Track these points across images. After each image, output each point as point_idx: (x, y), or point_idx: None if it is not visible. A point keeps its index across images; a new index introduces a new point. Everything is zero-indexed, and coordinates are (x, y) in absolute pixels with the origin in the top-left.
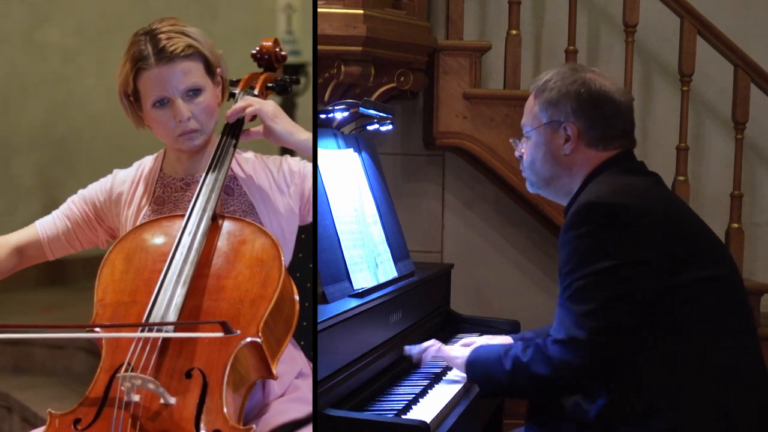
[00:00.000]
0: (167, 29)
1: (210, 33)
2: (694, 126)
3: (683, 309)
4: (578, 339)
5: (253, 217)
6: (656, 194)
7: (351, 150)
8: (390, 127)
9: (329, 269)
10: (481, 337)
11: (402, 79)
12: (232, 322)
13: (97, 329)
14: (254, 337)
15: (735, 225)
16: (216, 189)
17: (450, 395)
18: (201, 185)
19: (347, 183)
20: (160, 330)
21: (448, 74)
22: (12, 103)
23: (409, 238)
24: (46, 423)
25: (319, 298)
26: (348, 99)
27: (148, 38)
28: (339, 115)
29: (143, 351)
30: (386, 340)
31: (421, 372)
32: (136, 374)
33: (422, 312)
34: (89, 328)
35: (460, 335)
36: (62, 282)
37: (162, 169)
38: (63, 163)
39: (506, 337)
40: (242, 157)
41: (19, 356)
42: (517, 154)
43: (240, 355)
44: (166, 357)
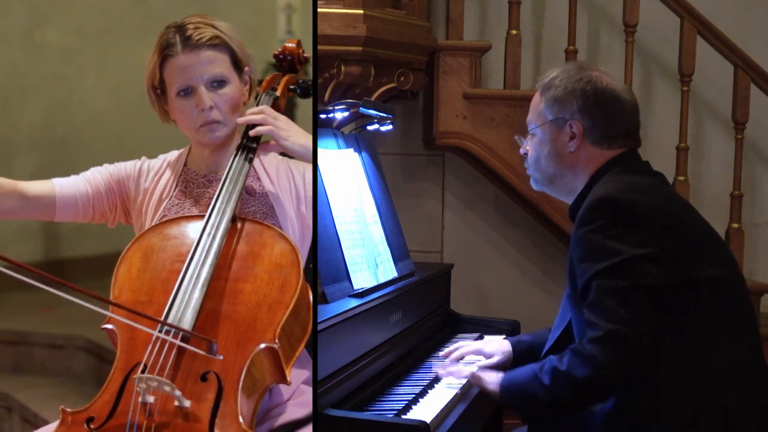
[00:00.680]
0: (196, 20)
1: None
2: (694, 126)
3: (688, 310)
4: (616, 331)
5: (273, 220)
6: (662, 193)
7: (351, 150)
8: (390, 127)
9: (329, 269)
10: (476, 342)
11: (402, 79)
12: (249, 327)
13: (115, 316)
14: (271, 343)
15: (735, 225)
16: (236, 190)
17: (450, 395)
18: (221, 186)
19: (347, 183)
20: (177, 334)
21: (448, 74)
22: (12, 103)
23: (409, 238)
24: (59, 419)
25: (319, 298)
26: (348, 99)
27: (177, 29)
28: (339, 115)
29: (161, 352)
30: (386, 340)
31: (421, 372)
32: (153, 376)
33: (422, 312)
34: (112, 306)
35: (460, 335)
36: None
37: (186, 164)
38: (63, 163)
39: (504, 340)
40: (266, 158)
41: (19, 356)
42: (522, 152)
43: (256, 360)
44: (183, 359)
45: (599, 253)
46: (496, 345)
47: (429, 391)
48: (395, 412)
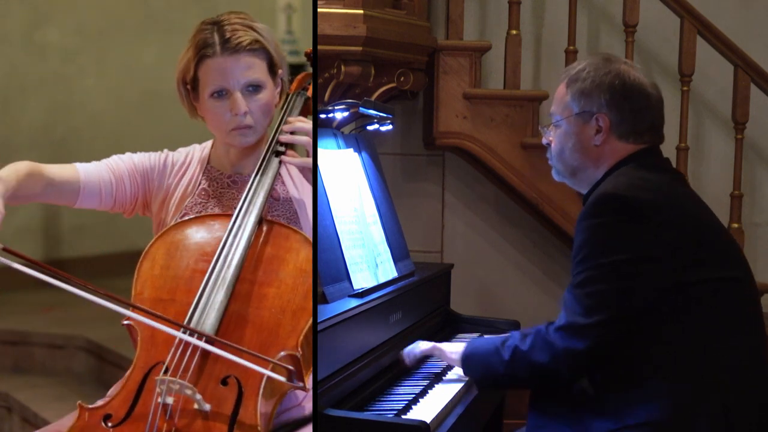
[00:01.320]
0: (236, 21)
1: None
2: (694, 126)
3: (693, 309)
4: (580, 324)
5: (296, 226)
6: (674, 192)
7: (351, 150)
8: (390, 127)
9: (329, 269)
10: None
11: (402, 79)
12: (272, 333)
13: (136, 315)
14: (293, 351)
15: (735, 225)
16: (264, 191)
17: (450, 395)
18: (250, 186)
19: (347, 183)
20: (201, 338)
21: (448, 74)
22: (12, 103)
23: (409, 238)
24: (76, 415)
25: (319, 298)
26: (348, 99)
27: (215, 27)
28: (339, 115)
29: (184, 354)
30: (386, 340)
31: (421, 372)
32: (175, 379)
33: (422, 312)
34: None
35: (460, 335)
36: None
37: (209, 162)
38: (63, 163)
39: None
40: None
41: (19, 356)
42: (545, 142)
43: (277, 367)
44: (205, 361)
45: (595, 248)
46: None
47: (429, 391)
48: (395, 412)
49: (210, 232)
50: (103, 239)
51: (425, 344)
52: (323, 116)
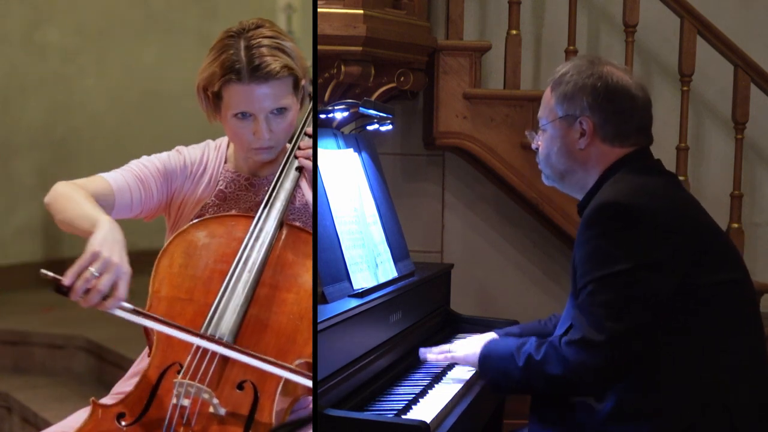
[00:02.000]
0: (266, 43)
1: (210, 33)
2: (694, 126)
3: (694, 312)
4: (594, 340)
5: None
6: (672, 195)
7: (351, 150)
8: (390, 127)
9: (329, 269)
10: (462, 341)
11: (402, 79)
12: (290, 339)
13: (155, 326)
14: (309, 359)
15: (735, 225)
16: (285, 195)
17: (450, 395)
18: (272, 190)
19: (347, 183)
20: (222, 337)
21: (448, 74)
22: (12, 103)
23: (409, 238)
24: (89, 411)
25: (319, 298)
26: (348, 99)
27: (243, 46)
28: (339, 115)
29: (203, 359)
30: (386, 340)
31: (421, 372)
32: (194, 383)
33: (422, 312)
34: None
35: (460, 335)
36: None
37: (226, 161)
38: (63, 163)
39: (492, 334)
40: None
41: (19, 356)
42: (534, 146)
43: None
44: (224, 367)
45: (600, 259)
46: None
47: (429, 391)
48: (395, 412)
49: (230, 234)
50: None
51: (439, 355)
52: (323, 116)
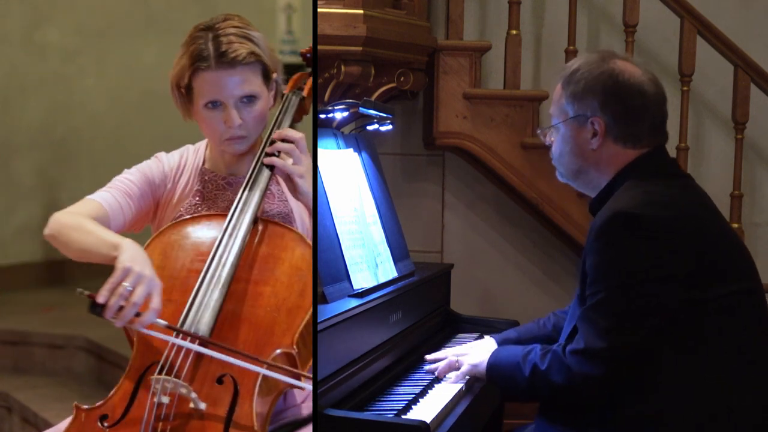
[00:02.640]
0: (231, 31)
1: None
2: (694, 126)
3: (707, 323)
4: (597, 350)
5: (291, 223)
6: (687, 203)
7: (351, 150)
8: (390, 127)
9: (329, 269)
10: (464, 346)
11: (402, 79)
12: (268, 331)
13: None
14: (288, 348)
15: (735, 225)
16: (259, 191)
17: (450, 395)
18: (244, 187)
19: (347, 183)
20: (194, 341)
21: (448, 74)
22: (12, 103)
23: (409, 238)
24: (72, 415)
25: (319, 298)
26: (348, 99)
27: (210, 37)
28: (339, 115)
29: (178, 354)
30: (386, 340)
31: (421, 372)
32: (170, 378)
33: (422, 312)
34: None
35: (460, 335)
36: (62, 282)
37: (204, 163)
38: (63, 163)
39: (490, 339)
40: None
41: (19, 356)
42: (547, 143)
43: (273, 367)
44: (202, 361)
45: (610, 269)
46: (482, 348)
47: (429, 391)
48: (395, 412)
49: (205, 232)
50: None
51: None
52: (323, 116)
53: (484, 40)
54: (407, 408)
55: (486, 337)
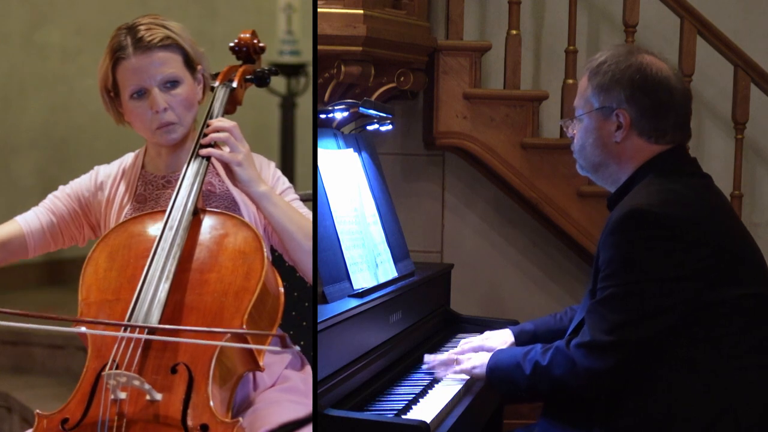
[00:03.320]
0: (147, 22)
1: (210, 33)
2: (694, 126)
3: (718, 324)
4: (603, 344)
5: (236, 212)
6: (705, 204)
7: (351, 150)
8: (390, 127)
9: (329, 269)
10: (476, 338)
11: (402, 79)
12: (216, 316)
13: (82, 328)
14: (240, 329)
15: None
16: (197, 183)
17: (450, 395)
18: (181, 180)
19: (347, 183)
20: (143, 330)
21: (448, 74)
22: (12, 103)
23: (409, 238)
24: (34, 424)
25: (319, 298)
26: (348, 99)
27: (127, 31)
28: (339, 115)
29: (127, 348)
30: (386, 340)
31: (421, 372)
32: (121, 372)
33: (422, 312)
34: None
35: (460, 335)
36: (62, 282)
37: (144, 167)
38: (63, 163)
39: (506, 330)
40: None
41: (19, 356)
42: (569, 134)
43: (225, 348)
44: (151, 353)
45: (626, 265)
46: (498, 338)
47: (429, 391)
48: (395, 412)
49: (148, 230)
50: None
51: (448, 369)
52: (323, 116)
53: (484, 40)
54: (407, 408)
55: (498, 331)
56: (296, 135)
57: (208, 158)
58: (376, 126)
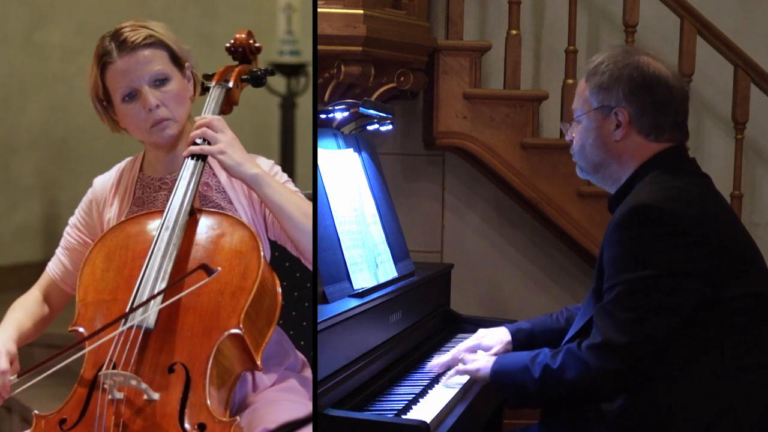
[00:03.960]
0: (129, 24)
1: (210, 33)
2: (694, 126)
3: (721, 323)
4: (616, 344)
5: (233, 212)
6: (707, 201)
7: (351, 150)
8: (390, 127)
9: (329, 269)
10: (472, 338)
11: (402, 79)
12: (213, 315)
13: (80, 328)
14: (235, 329)
15: None
16: (193, 183)
17: (450, 395)
18: (178, 181)
19: (347, 183)
20: (141, 324)
21: (448, 74)
22: (12, 103)
23: (409, 238)
24: (32, 425)
25: (319, 298)
26: (348, 99)
27: (111, 36)
28: (339, 115)
29: (124, 347)
30: (386, 340)
31: (421, 372)
32: (118, 371)
33: (422, 312)
34: (75, 347)
35: (460, 335)
36: None
37: (142, 170)
38: (63, 163)
39: (502, 329)
40: None
41: (19, 356)
42: (568, 138)
43: (222, 348)
44: (148, 352)
45: (630, 263)
46: (494, 337)
47: (429, 391)
48: (395, 412)
49: (146, 230)
50: None
51: (450, 371)
52: (323, 116)
53: (484, 40)
54: (407, 408)
55: (494, 328)
56: (296, 135)
57: (203, 158)
58: (376, 126)
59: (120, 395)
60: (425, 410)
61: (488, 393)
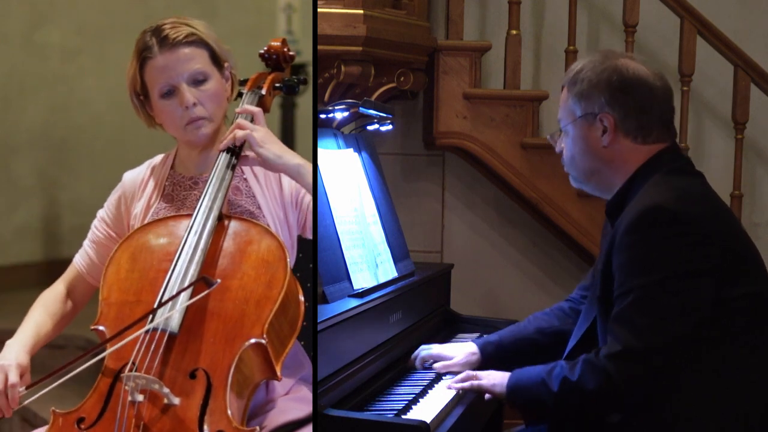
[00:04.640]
0: (170, 21)
1: None
2: (694, 126)
3: (723, 323)
4: (636, 350)
5: (260, 219)
6: (710, 200)
7: (351, 150)
8: (390, 127)
9: (329, 269)
10: (435, 347)
11: (402, 79)
12: (237, 323)
13: (100, 326)
14: (259, 339)
15: None
16: (223, 188)
17: (450, 395)
18: (208, 185)
19: (347, 183)
20: (165, 328)
21: (448, 74)
22: (12, 103)
23: (409, 238)
24: (50, 421)
25: (319, 298)
26: (348, 99)
27: (152, 32)
28: (339, 115)
29: (148, 350)
30: (386, 340)
31: (421, 372)
32: (141, 374)
33: (422, 312)
34: (97, 350)
35: (460, 335)
36: None
37: (173, 167)
38: (63, 163)
39: (469, 343)
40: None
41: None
42: (557, 150)
43: (245, 356)
44: (171, 356)
45: (646, 266)
46: (459, 349)
47: (429, 391)
48: (395, 412)
49: (172, 233)
50: None
51: (464, 384)
52: (323, 116)
53: (484, 40)
54: (407, 408)
55: (462, 342)
56: (296, 135)
57: (234, 165)
58: (376, 126)
59: (140, 398)
60: (425, 410)
61: None
